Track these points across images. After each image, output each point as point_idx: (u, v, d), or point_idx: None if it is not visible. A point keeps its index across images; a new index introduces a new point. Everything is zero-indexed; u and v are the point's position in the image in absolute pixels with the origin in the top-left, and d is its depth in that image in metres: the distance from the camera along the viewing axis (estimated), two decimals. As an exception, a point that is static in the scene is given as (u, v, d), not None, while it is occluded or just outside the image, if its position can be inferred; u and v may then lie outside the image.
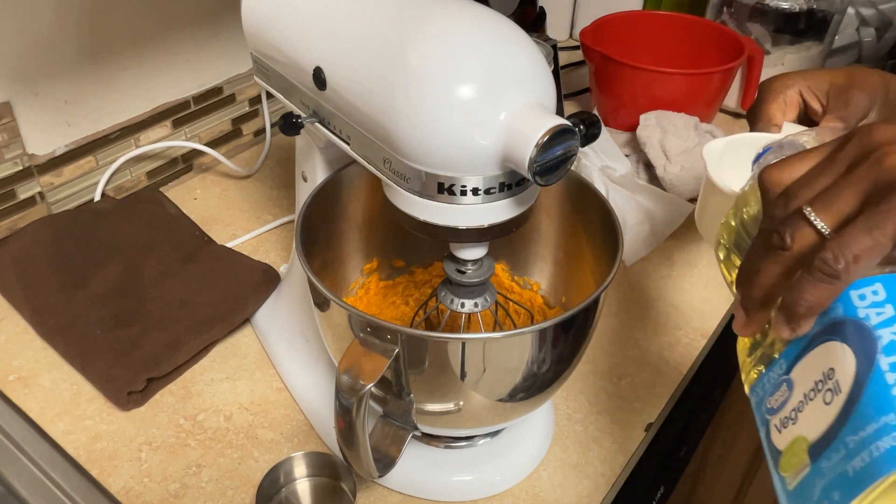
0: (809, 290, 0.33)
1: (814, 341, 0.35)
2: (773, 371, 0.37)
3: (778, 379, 0.37)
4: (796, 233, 0.34)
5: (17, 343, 0.70)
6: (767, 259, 0.35)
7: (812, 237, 0.33)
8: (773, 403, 0.36)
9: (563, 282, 0.64)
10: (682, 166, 0.89)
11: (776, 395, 0.36)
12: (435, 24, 0.42)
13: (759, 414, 0.38)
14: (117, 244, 0.77)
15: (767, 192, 0.37)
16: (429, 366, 0.47)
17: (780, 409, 0.36)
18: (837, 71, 0.61)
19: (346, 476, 0.57)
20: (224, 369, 0.68)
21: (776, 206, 0.36)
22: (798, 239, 0.34)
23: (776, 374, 0.37)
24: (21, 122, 0.75)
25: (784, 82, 0.60)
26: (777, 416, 0.36)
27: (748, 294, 0.37)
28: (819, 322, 0.34)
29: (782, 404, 0.36)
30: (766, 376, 0.38)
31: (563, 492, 0.59)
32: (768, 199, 0.37)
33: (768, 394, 0.37)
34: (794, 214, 0.34)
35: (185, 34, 0.87)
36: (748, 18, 1.06)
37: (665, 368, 0.70)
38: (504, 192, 0.43)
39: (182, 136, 0.91)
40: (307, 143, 0.59)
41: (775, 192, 0.36)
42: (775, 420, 0.36)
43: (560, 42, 1.26)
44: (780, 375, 0.36)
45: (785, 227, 0.34)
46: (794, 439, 0.34)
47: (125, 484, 0.58)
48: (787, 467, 0.34)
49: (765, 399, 0.37)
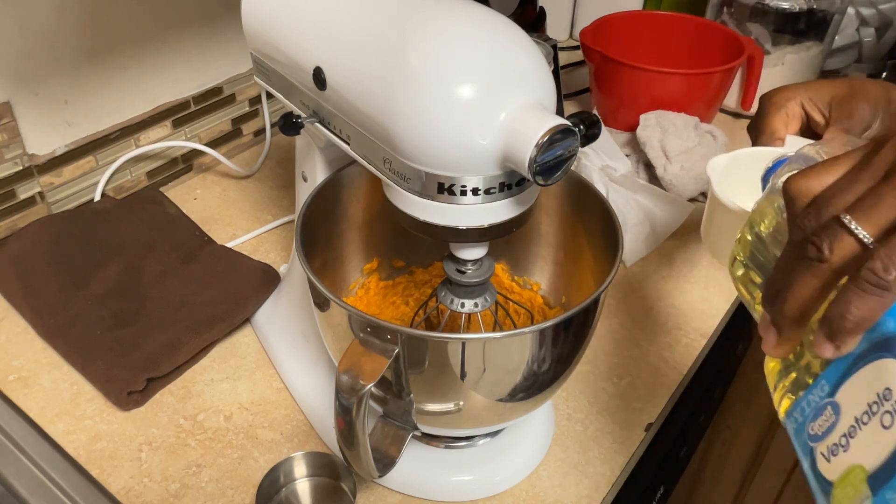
0: (856, 303, 0.31)
1: (861, 359, 0.32)
2: (813, 394, 0.34)
3: (821, 402, 0.34)
4: (835, 243, 0.32)
5: (17, 343, 0.70)
6: (802, 272, 0.33)
7: (852, 247, 0.31)
8: (817, 429, 0.33)
9: (563, 282, 0.64)
10: (682, 166, 0.89)
11: (820, 421, 0.33)
12: (435, 24, 0.42)
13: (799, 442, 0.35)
14: (117, 244, 0.77)
15: (794, 202, 0.35)
16: (429, 366, 0.47)
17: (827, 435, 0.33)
18: (838, 81, 0.60)
19: (346, 476, 0.57)
20: (224, 369, 0.68)
21: (807, 217, 0.33)
22: (837, 249, 0.32)
23: (818, 396, 0.34)
24: (21, 122, 0.75)
25: (785, 95, 0.60)
26: (823, 444, 0.33)
27: (780, 311, 0.35)
28: (865, 338, 0.32)
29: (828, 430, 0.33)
30: (804, 400, 0.35)
31: (563, 492, 0.59)
32: (795, 209, 0.34)
33: (810, 419, 0.34)
34: (831, 223, 0.32)
35: (185, 34, 0.87)
36: (748, 18, 1.06)
37: (665, 368, 0.70)
38: (504, 192, 0.43)
39: (182, 136, 0.91)
40: (307, 143, 0.59)
41: (803, 201, 0.34)
42: (821, 448, 0.33)
43: (560, 42, 1.26)
44: (823, 398, 0.33)
45: (821, 237, 0.32)
46: (849, 469, 0.31)
47: (125, 484, 0.58)
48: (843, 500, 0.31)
49: (806, 425, 0.34)
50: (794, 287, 0.33)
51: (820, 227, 0.32)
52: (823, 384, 0.34)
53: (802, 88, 0.60)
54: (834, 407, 0.33)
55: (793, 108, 0.59)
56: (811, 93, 0.60)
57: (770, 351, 0.36)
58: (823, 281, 0.33)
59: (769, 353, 0.37)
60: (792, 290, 0.34)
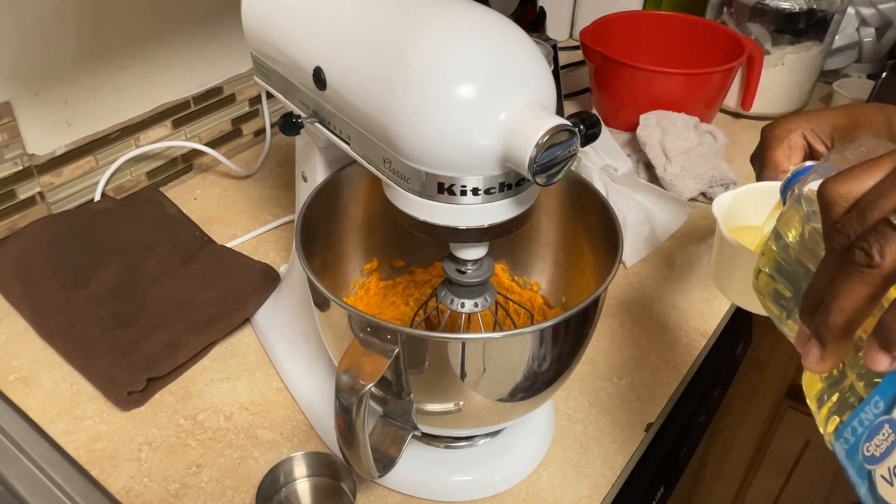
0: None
1: None
2: (866, 412, 0.32)
3: (876, 420, 0.31)
4: (886, 246, 0.30)
5: (17, 343, 0.70)
6: (848, 280, 0.31)
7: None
8: (875, 450, 0.31)
9: (563, 282, 0.64)
10: (682, 166, 0.89)
11: (877, 440, 0.31)
12: (435, 24, 0.42)
13: (852, 465, 0.32)
14: (117, 244, 0.77)
15: (833, 207, 0.33)
16: (429, 366, 0.47)
17: (887, 455, 0.30)
18: (838, 111, 0.59)
19: (346, 476, 0.57)
20: (224, 369, 0.68)
21: (850, 221, 0.31)
22: (889, 253, 0.30)
23: (872, 414, 0.32)
24: (21, 122, 0.75)
25: (786, 127, 0.58)
26: (884, 465, 0.30)
27: (824, 322, 0.32)
28: None
29: (889, 450, 0.30)
30: (855, 418, 0.32)
31: (563, 492, 0.59)
32: (835, 214, 0.33)
33: (864, 439, 0.32)
34: (879, 226, 0.30)
35: (185, 34, 0.87)
36: (748, 18, 1.06)
37: (665, 368, 0.70)
38: (504, 192, 0.43)
39: (182, 136, 0.91)
40: (307, 143, 0.59)
41: (843, 205, 0.32)
42: (881, 470, 0.30)
43: (560, 42, 1.26)
44: (879, 415, 0.31)
45: (869, 241, 0.30)
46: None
47: (125, 484, 0.58)
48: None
49: (860, 446, 0.32)
50: (840, 296, 0.32)
51: (866, 230, 0.31)
52: (878, 400, 0.31)
53: (803, 119, 0.59)
54: (892, 424, 0.31)
55: (795, 139, 0.58)
56: (812, 123, 0.59)
57: (814, 367, 0.34)
58: (874, 288, 0.31)
59: (812, 369, 0.34)
60: (837, 300, 0.32)
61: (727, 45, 1.02)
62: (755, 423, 1.32)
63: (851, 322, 0.32)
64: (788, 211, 0.40)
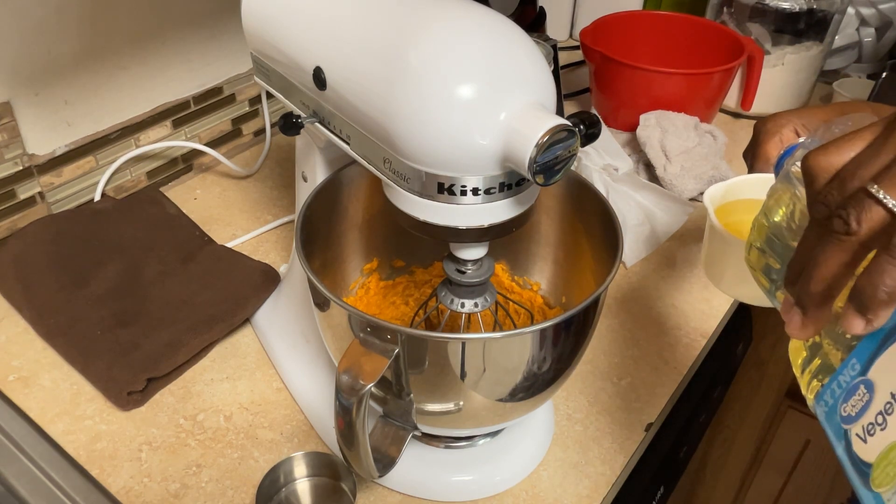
0: (889, 273, 0.30)
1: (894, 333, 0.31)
2: (843, 374, 0.33)
3: (852, 381, 0.33)
4: (863, 214, 0.31)
5: (17, 343, 0.70)
6: (828, 248, 0.32)
7: (881, 217, 0.30)
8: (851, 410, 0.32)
9: (563, 282, 0.64)
10: (682, 166, 0.89)
11: (853, 401, 0.32)
12: (435, 24, 0.42)
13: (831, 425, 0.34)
14: (117, 244, 0.77)
15: (816, 178, 0.34)
16: (429, 366, 0.47)
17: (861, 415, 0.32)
18: (829, 107, 0.60)
19: (346, 476, 0.57)
20: (224, 369, 0.69)
21: (830, 192, 0.32)
22: (865, 220, 0.31)
23: (849, 375, 0.33)
24: (21, 122, 0.75)
25: (778, 122, 0.60)
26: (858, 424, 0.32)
27: (805, 289, 0.34)
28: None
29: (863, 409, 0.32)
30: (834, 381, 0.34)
31: (563, 492, 0.59)
32: (817, 185, 0.34)
33: (841, 400, 0.33)
34: (857, 195, 0.31)
35: (185, 34, 0.87)
36: (748, 18, 1.06)
37: (665, 368, 0.70)
38: (504, 192, 0.43)
39: (182, 136, 0.91)
40: (307, 143, 0.59)
41: (825, 177, 0.33)
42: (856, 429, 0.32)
43: (560, 42, 1.26)
44: (855, 377, 0.33)
45: (847, 209, 0.31)
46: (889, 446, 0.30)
47: (125, 484, 0.58)
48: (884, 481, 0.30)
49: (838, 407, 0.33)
50: (820, 263, 0.33)
51: (845, 199, 0.32)
52: (854, 363, 0.33)
53: (795, 115, 0.60)
54: (867, 385, 0.32)
55: (787, 134, 0.60)
56: (804, 119, 0.60)
57: (795, 333, 0.36)
58: (851, 255, 0.32)
59: (794, 335, 0.36)
60: (818, 267, 0.33)
61: (727, 45, 1.02)
62: (755, 423, 1.32)
63: (831, 289, 0.33)
64: (778, 188, 0.41)
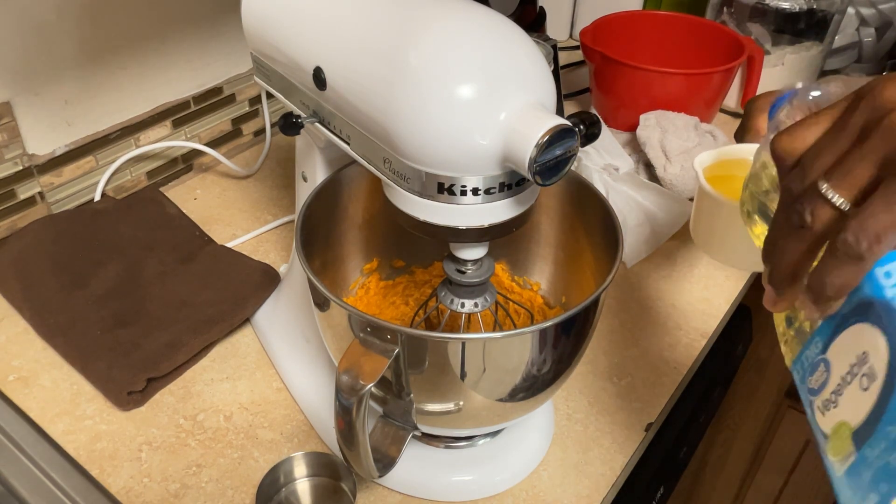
0: (834, 272, 0.31)
1: (846, 320, 0.33)
2: (810, 350, 0.35)
3: (815, 358, 0.35)
4: (815, 210, 0.32)
5: (17, 343, 0.70)
6: (790, 237, 0.34)
7: (831, 214, 0.32)
8: (814, 384, 0.35)
9: (563, 282, 0.64)
10: (682, 166, 0.89)
11: (816, 376, 0.34)
12: (435, 24, 0.42)
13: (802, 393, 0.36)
14: (117, 244, 0.77)
15: (782, 162, 0.35)
16: (429, 366, 0.47)
17: (821, 390, 0.34)
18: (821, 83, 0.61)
19: (346, 476, 0.57)
20: (224, 369, 0.68)
21: (793, 180, 0.34)
22: (818, 217, 0.32)
23: (813, 353, 0.35)
24: (21, 122, 0.75)
25: (769, 99, 0.60)
26: (819, 398, 0.34)
27: (775, 271, 0.36)
28: (849, 300, 0.33)
29: (822, 386, 0.34)
30: (804, 354, 0.36)
31: (563, 492, 0.59)
32: (783, 170, 0.35)
33: (808, 373, 0.35)
34: (811, 190, 0.32)
35: (185, 34, 0.87)
36: (748, 18, 1.06)
37: (665, 368, 0.70)
38: (504, 192, 0.43)
39: (182, 136, 0.91)
40: (307, 143, 0.59)
41: (788, 162, 0.35)
42: (818, 402, 0.34)
43: (560, 42, 1.26)
44: (817, 355, 0.35)
45: (803, 204, 0.33)
46: (838, 424, 0.32)
47: (125, 484, 0.58)
48: (835, 452, 0.32)
49: (806, 378, 0.35)
50: (784, 250, 0.35)
51: (803, 191, 0.33)
52: (818, 341, 0.35)
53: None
54: (826, 364, 0.34)
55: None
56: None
57: (769, 306, 0.37)
58: (809, 245, 0.34)
59: (768, 307, 0.38)
60: (782, 253, 0.35)
61: (727, 45, 1.02)
62: (755, 423, 1.32)
63: (795, 272, 0.35)
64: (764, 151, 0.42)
